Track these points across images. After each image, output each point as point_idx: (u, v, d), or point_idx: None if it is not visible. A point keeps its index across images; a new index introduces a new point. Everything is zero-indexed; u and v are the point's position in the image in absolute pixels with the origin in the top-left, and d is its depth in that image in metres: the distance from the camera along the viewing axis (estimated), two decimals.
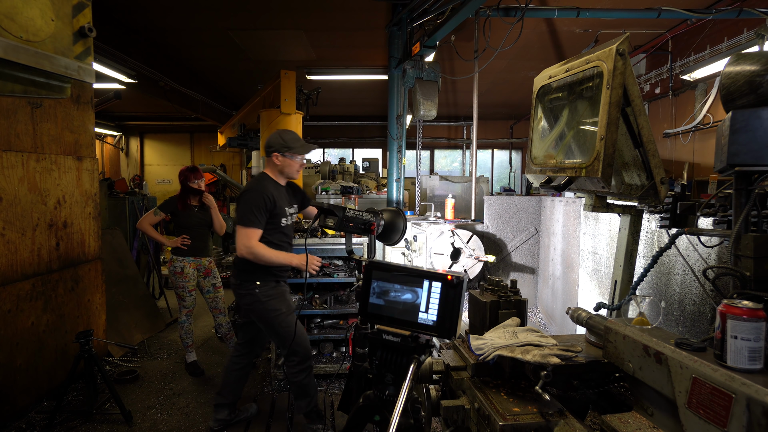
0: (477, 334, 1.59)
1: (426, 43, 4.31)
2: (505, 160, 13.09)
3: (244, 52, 6.92)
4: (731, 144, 1.31)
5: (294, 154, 2.66)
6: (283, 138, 2.64)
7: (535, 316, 5.13)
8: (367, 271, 1.37)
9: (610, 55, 1.57)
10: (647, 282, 2.66)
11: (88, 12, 1.39)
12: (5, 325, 2.98)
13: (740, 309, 1.00)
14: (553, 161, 2.02)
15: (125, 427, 3.01)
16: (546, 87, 2.06)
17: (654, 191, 1.73)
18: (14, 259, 3.06)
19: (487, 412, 1.31)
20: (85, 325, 3.73)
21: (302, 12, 5.50)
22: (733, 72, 1.35)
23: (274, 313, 2.63)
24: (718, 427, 0.98)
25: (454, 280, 1.27)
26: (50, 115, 3.42)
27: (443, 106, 10.77)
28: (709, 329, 1.69)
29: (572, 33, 6.07)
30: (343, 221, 2.26)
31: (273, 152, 2.65)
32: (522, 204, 5.17)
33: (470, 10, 3.71)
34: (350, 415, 1.53)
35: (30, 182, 3.20)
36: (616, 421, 1.25)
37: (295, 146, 2.65)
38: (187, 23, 5.91)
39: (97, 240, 3.95)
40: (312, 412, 2.81)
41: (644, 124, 1.66)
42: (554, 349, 1.38)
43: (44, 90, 1.35)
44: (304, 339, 2.73)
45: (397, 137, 5.12)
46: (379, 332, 1.39)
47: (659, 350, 1.17)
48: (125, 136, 13.00)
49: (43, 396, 3.29)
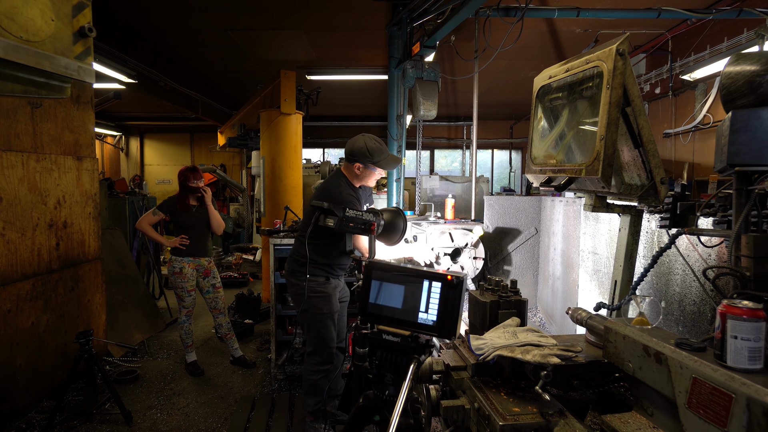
0: (477, 334, 1.59)
1: (426, 43, 4.31)
2: (505, 160, 13.09)
3: (244, 53, 6.92)
4: (731, 144, 1.31)
5: (377, 167, 2.60)
6: (369, 148, 2.53)
7: (535, 316, 5.13)
8: (367, 271, 1.37)
9: (610, 55, 1.57)
10: (647, 282, 2.66)
11: (88, 12, 1.39)
12: (5, 325, 2.98)
13: (740, 309, 1.00)
14: (553, 161, 2.02)
15: (125, 427, 3.01)
16: (546, 87, 2.06)
17: (654, 191, 1.73)
18: (14, 259, 3.06)
19: (487, 412, 1.31)
20: (85, 325, 3.73)
21: (302, 12, 5.50)
22: (733, 72, 1.35)
23: (313, 311, 2.61)
24: (718, 427, 0.98)
25: (454, 280, 1.27)
26: (50, 115, 3.42)
27: (443, 106, 10.77)
28: (709, 329, 1.69)
29: (572, 33, 6.07)
30: (343, 221, 2.26)
31: (356, 162, 2.58)
32: (522, 204, 5.17)
33: (470, 10, 3.71)
34: (350, 415, 1.53)
35: (30, 182, 3.20)
36: (616, 421, 1.25)
37: (381, 159, 2.57)
38: (187, 23, 5.91)
39: (97, 240, 3.95)
40: (318, 411, 2.79)
41: (644, 124, 1.66)
42: (554, 349, 1.38)
43: (44, 90, 1.35)
44: (331, 342, 2.68)
45: (397, 137, 5.12)
46: (379, 332, 1.39)
47: (659, 350, 1.17)
48: (125, 136, 13.00)
49: (43, 396, 3.29)
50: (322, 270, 2.65)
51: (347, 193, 2.56)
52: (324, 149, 13.09)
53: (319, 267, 2.63)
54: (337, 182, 2.63)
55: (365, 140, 2.56)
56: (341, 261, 2.71)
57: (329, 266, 2.67)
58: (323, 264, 2.64)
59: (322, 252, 2.62)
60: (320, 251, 2.61)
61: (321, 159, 12.40)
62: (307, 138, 8.90)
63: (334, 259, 2.67)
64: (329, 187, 2.62)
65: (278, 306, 3.68)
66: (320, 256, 2.62)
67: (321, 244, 2.59)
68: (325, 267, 2.65)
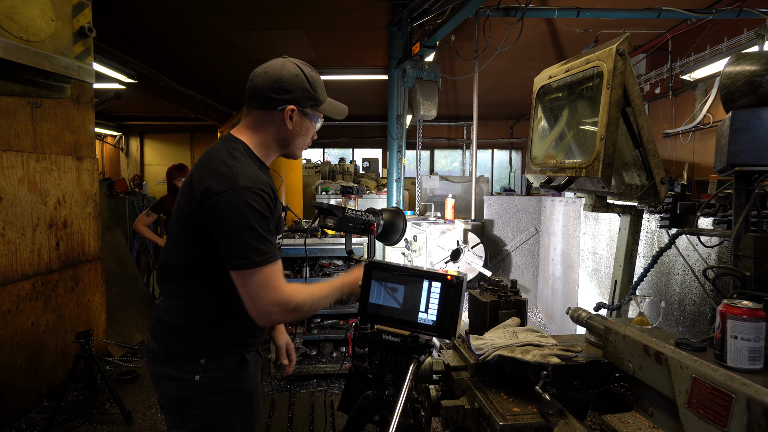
0: (477, 334, 1.59)
1: (426, 43, 4.31)
2: (505, 160, 13.09)
3: (244, 52, 6.91)
4: (731, 144, 1.31)
5: (320, 113, 1.43)
6: (309, 78, 1.37)
7: (535, 316, 5.13)
8: (366, 271, 1.37)
9: (610, 55, 1.57)
10: (647, 282, 2.66)
11: (88, 12, 1.39)
12: (5, 325, 2.98)
13: (740, 309, 1.00)
14: (553, 161, 2.02)
15: (125, 427, 3.01)
16: (546, 87, 2.06)
17: (654, 191, 1.73)
18: (14, 259, 3.06)
19: (488, 412, 1.31)
20: (85, 325, 3.73)
21: (302, 12, 5.49)
22: (733, 72, 1.35)
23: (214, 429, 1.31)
24: (718, 427, 0.98)
25: (453, 280, 1.27)
26: (50, 115, 3.42)
27: (443, 106, 10.76)
28: (709, 329, 1.69)
29: (572, 33, 6.06)
30: (342, 221, 2.25)
31: (288, 103, 1.33)
32: (522, 204, 5.17)
33: (470, 10, 3.71)
34: (350, 415, 1.52)
35: (30, 182, 3.20)
36: (616, 421, 1.25)
37: (323, 97, 1.42)
38: (187, 23, 5.91)
39: (97, 240, 3.95)
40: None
41: (644, 124, 1.66)
42: (554, 349, 1.38)
43: (44, 90, 1.35)
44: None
45: (397, 137, 5.12)
46: (378, 332, 1.38)
47: (659, 350, 1.17)
48: (125, 136, 13.00)
49: (43, 396, 3.29)
50: (230, 343, 1.32)
51: (254, 174, 1.24)
52: (324, 149, 13.09)
53: (224, 338, 1.31)
54: (228, 162, 1.24)
55: (297, 64, 1.39)
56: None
57: (241, 332, 1.33)
58: (230, 331, 1.31)
59: (225, 306, 1.28)
60: (221, 304, 1.28)
61: (321, 159, 12.39)
62: None
63: (244, 316, 1.22)
64: (213, 163, 1.25)
65: None
66: (221, 314, 1.29)
67: (217, 289, 1.26)
68: (234, 335, 1.32)
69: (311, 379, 3.69)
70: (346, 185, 5.59)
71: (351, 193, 4.93)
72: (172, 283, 1.31)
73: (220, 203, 1.17)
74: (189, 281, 1.28)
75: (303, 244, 3.58)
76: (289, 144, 1.42)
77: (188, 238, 1.25)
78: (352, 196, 4.93)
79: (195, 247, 1.24)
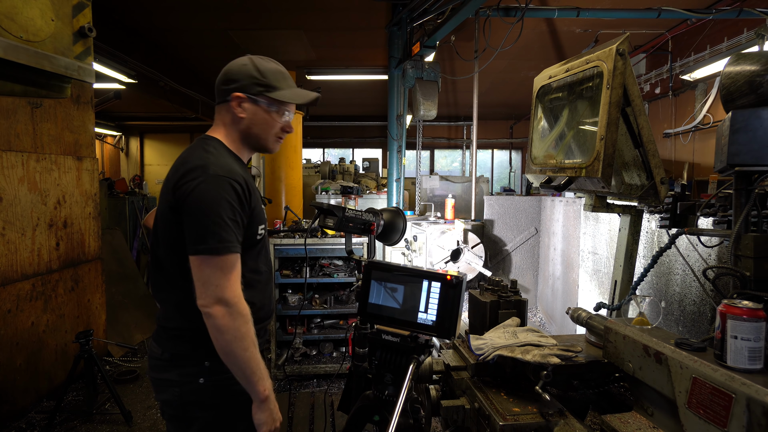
0: (477, 334, 1.59)
1: (426, 43, 4.31)
2: (505, 160, 13.08)
3: (244, 52, 6.89)
4: (731, 144, 1.31)
5: (277, 100, 1.36)
6: (259, 68, 1.36)
7: (535, 316, 5.13)
8: (366, 271, 1.37)
9: (610, 55, 1.57)
10: (647, 282, 2.66)
11: (88, 12, 1.39)
12: (5, 325, 2.98)
13: (740, 309, 1.00)
14: (553, 161, 2.02)
15: (125, 427, 3.01)
16: (546, 87, 2.06)
17: (654, 191, 1.73)
18: (14, 259, 3.06)
19: (488, 412, 1.31)
20: (85, 325, 3.73)
21: (302, 12, 5.49)
22: (733, 72, 1.35)
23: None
24: (718, 427, 0.98)
25: (453, 280, 1.27)
26: (50, 115, 3.42)
27: (443, 106, 10.76)
28: (709, 329, 1.69)
29: (572, 33, 6.06)
30: (342, 221, 2.25)
31: (234, 91, 1.33)
32: (522, 204, 5.17)
33: (470, 10, 3.71)
34: (350, 415, 1.53)
35: (30, 182, 3.20)
36: (616, 421, 1.25)
37: (281, 85, 1.37)
38: (187, 23, 5.91)
39: (97, 240, 3.95)
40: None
41: (644, 124, 1.66)
42: (554, 349, 1.38)
43: (44, 90, 1.35)
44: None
45: (397, 137, 5.12)
46: (378, 332, 1.38)
47: (659, 350, 1.17)
48: (125, 136, 13.00)
49: (43, 396, 3.29)
50: None
51: (226, 164, 1.25)
52: (324, 149, 13.09)
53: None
54: (200, 154, 1.26)
55: (252, 57, 1.43)
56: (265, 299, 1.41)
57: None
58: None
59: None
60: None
61: (321, 159, 12.39)
62: (307, 138, 8.92)
63: (261, 302, 1.37)
64: (187, 158, 1.28)
65: (278, 306, 3.69)
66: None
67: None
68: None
69: (311, 379, 3.69)
70: (346, 185, 5.59)
71: (351, 193, 4.92)
72: (165, 284, 1.33)
73: (189, 189, 1.19)
74: (180, 277, 1.25)
75: (303, 244, 3.58)
76: (250, 135, 1.38)
77: (173, 232, 1.25)
78: (352, 196, 4.93)
79: (181, 242, 1.22)
